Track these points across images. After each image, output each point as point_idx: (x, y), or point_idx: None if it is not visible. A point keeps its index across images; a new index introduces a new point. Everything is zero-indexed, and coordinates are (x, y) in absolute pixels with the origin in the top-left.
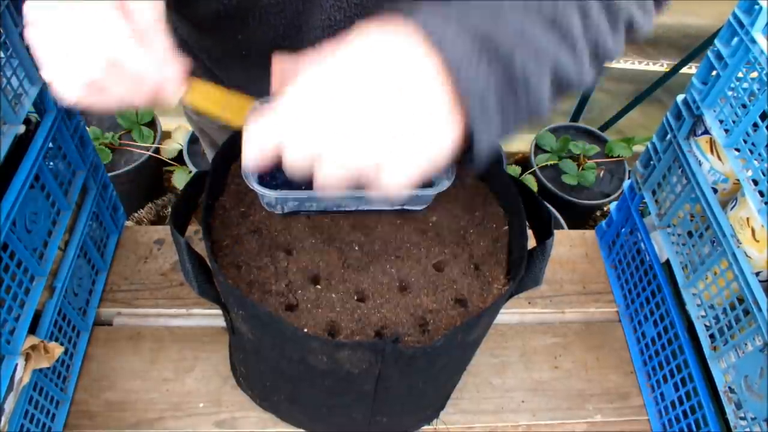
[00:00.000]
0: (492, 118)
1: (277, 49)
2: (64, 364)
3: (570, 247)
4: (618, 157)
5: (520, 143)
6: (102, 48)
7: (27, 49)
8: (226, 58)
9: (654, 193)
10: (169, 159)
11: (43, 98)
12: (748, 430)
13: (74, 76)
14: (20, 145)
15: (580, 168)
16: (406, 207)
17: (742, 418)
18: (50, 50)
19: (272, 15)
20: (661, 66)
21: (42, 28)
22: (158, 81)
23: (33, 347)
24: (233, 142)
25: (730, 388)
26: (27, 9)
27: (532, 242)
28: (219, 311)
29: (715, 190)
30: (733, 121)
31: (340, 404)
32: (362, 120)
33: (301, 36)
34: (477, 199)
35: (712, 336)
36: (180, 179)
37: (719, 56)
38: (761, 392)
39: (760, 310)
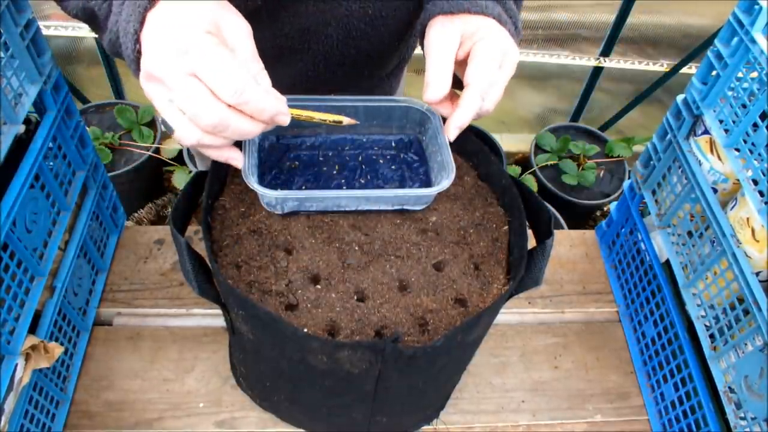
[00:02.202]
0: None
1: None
2: (64, 364)
3: (570, 247)
4: (618, 157)
5: (520, 143)
6: (227, 93)
7: (27, 48)
8: None
9: (654, 193)
10: (169, 159)
11: (43, 98)
12: (748, 430)
13: (197, 123)
14: (20, 145)
15: (580, 168)
16: (406, 207)
17: (742, 418)
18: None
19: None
20: (661, 66)
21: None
22: (277, 111)
23: (33, 347)
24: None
25: (730, 388)
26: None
27: (532, 242)
28: (219, 311)
29: (715, 190)
30: (733, 121)
31: (340, 404)
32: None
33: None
34: (477, 199)
35: (712, 336)
36: (180, 179)
37: (719, 56)
38: (761, 392)
39: (760, 310)
